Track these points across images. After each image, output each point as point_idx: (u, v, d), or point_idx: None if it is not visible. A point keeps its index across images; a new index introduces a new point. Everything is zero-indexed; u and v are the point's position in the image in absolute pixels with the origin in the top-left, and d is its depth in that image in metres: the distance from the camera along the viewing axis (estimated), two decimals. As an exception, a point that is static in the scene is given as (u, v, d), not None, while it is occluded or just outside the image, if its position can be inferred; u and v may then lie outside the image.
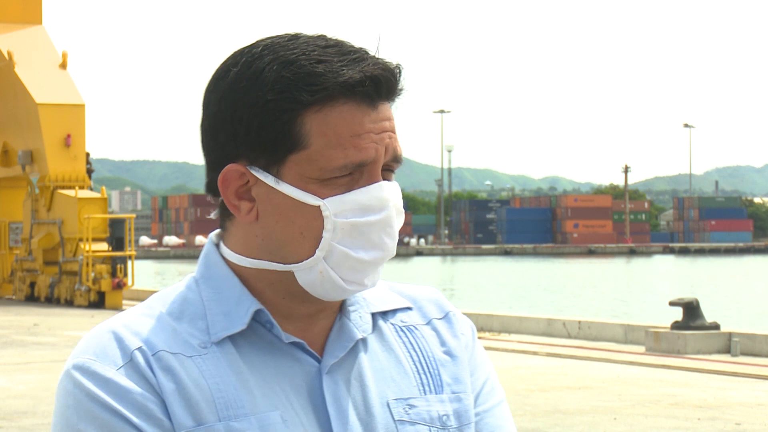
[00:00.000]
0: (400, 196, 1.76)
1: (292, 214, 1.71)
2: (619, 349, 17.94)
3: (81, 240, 30.11)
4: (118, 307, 29.37)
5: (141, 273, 52.33)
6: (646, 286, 55.68)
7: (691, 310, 17.51)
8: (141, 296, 32.66)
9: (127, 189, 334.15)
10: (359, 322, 1.80)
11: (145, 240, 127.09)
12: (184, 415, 1.68)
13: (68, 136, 31.01)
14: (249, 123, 1.71)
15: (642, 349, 17.77)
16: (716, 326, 17.54)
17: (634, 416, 11.50)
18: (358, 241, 1.71)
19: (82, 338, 1.76)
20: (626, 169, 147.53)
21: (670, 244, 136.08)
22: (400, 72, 1.75)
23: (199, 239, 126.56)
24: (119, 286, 29.82)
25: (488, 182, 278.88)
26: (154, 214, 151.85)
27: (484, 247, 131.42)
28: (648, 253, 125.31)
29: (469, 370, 1.86)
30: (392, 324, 1.85)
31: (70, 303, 30.66)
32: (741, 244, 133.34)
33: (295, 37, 1.74)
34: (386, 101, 1.73)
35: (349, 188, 1.70)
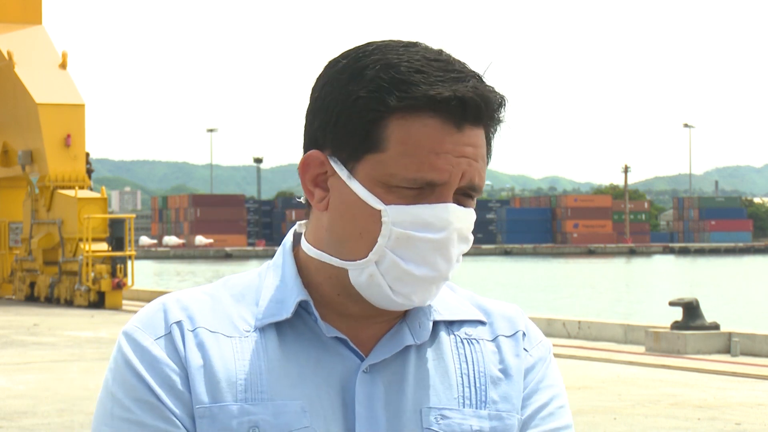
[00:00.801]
0: (470, 223, 1.75)
1: (355, 212, 1.73)
2: (619, 349, 17.95)
3: (81, 240, 30.11)
4: (117, 307, 29.39)
5: (141, 273, 52.34)
6: (646, 286, 55.69)
7: (691, 310, 17.52)
8: (141, 296, 32.67)
9: (127, 189, 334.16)
10: (417, 329, 1.80)
11: (145, 240, 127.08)
12: (203, 391, 1.74)
13: (68, 136, 31.01)
14: (339, 115, 1.73)
15: (642, 349, 17.78)
16: (716, 326, 17.55)
17: (634, 416, 11.50)
18: (411, 254, 1.71)
19: (143, 307, 1.85)
20: (626, 169, 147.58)
21: (670, 244, 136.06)
22: (498, 102, 1.74)
23: (199, 239, 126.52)
24: (119, 286, 29.82)
25: (488, 182, 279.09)
26: (154, 214, 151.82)
27: (484, 247, 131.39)
28: (648, 253, 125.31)
29: (528, 391, 1.85)
30: (455, 335, 1.85)
31: (70, 303, 30.66)
32: (741, 244, 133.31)
33: (412, 44, 1.76)
34: (474, 126, 1.72)
35: (415, 201, 1.71)
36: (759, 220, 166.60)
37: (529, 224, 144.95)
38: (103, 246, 30.18)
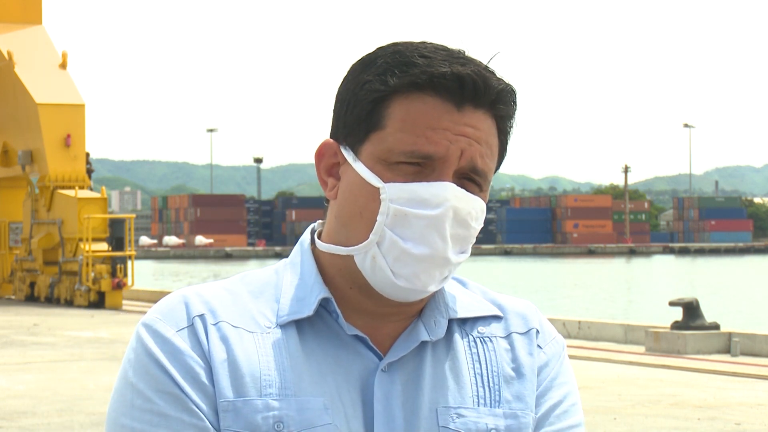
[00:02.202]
0: (473, 207, 1.75)
1: (357, 192, 1.75)
2: (619, 349, 17.94)
3: (81, 240, 30.11)
4: (118, 307, 29.38)
5: (141, 273, 52.35)
6: (646, 286, 55.68)
7: (691, 310, 17.51)
8: (141, 296, 32.67)
9: (127, 189, 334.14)
10: (432, 327, 1.82)
11: (145, 240, 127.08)
12: (228, 385, 1.74)
13: (68, 136, 31.01)
14: (349, 102, 1.78)
15: (642, 349, 17.78)
16: (716, 326, 17.55)
17: (634, 416, 11.50)
18: (408, 232, 1.72)
19: (161, 299, 1.84)
20: (626, 169, 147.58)
21: (670, 244, 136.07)
22: (501, 88, 1.76)
23: (199, 239, 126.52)
24: (119, 286, 29.82)
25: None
26: (154, 214, 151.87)
27: (484, 247, 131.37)
28: (648, 253, 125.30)
29: (542, 389, 1.85)
30: (468, 333, 1.86)
31: (70, 303, 30.65)
32: (741, 244, 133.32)
33: (425, 41, 1.80)
34: (476, 108, 1.75)
35: (414, 179, 1.73)
36: (759, 220, 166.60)
37: (529, 224, 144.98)
38: (103, 246, 30.17)
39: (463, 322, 1.86)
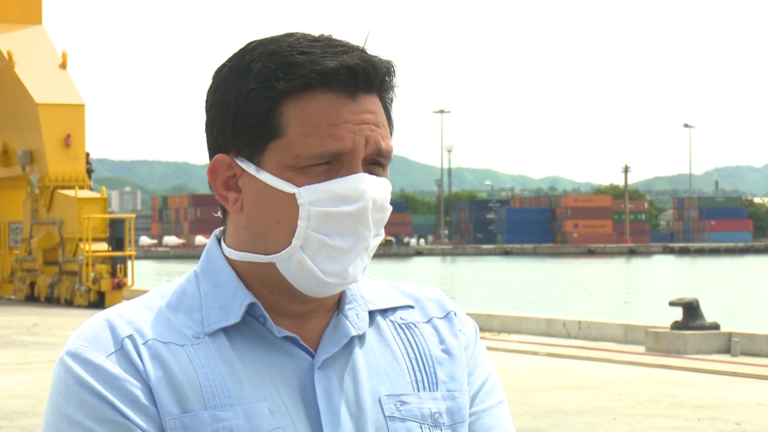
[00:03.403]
0: (386, 191, 1.75)
1: (270, 202, 1.72)
2: (619, 349, 17.94)
3: (81, 240, 30.11)
4: (118, 307, 29.39)
5: (141, 273, 52.34)
6: (646, 286, 55.67)
7: (691, 310, 17.51)
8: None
9: (127, 189, 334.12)
10: (355, 320, 1.80)
11: (145, 240, 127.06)
12: (171, 402, 1.69)
13: (68, 136, 31.01)
14: (234, 113, 1.74)
15: (642, 349, 17.77)
16: (716, 326, 17.55)
17: (634, 416, 11.50)
18: (334, 230, 1.71)
19: (80, 325, 1.79)
20: (626, 169, 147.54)
21: (670, 244, 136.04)
22: (385, 67, 1.75)
23: (199, 239, 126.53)
24: (119, 286, 29.82)
25: (488, 182, 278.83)
26: (154, 214, 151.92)
27: (484, 247, 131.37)
28: (648, 253, 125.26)
29: (468, 369, 1.86)
30: (391, 321, 1.86)
31: (70, 303, 30.65)
32: (741, 244, 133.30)
33: (290, 34, 1.77)
34: (368, 93, 1.74)
35: (326, 178, 1.71)
36: (759, 220, 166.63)
37: (529, 224, 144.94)
38: (103, 246, 30.17)
39: (383, 312, 1.86)
